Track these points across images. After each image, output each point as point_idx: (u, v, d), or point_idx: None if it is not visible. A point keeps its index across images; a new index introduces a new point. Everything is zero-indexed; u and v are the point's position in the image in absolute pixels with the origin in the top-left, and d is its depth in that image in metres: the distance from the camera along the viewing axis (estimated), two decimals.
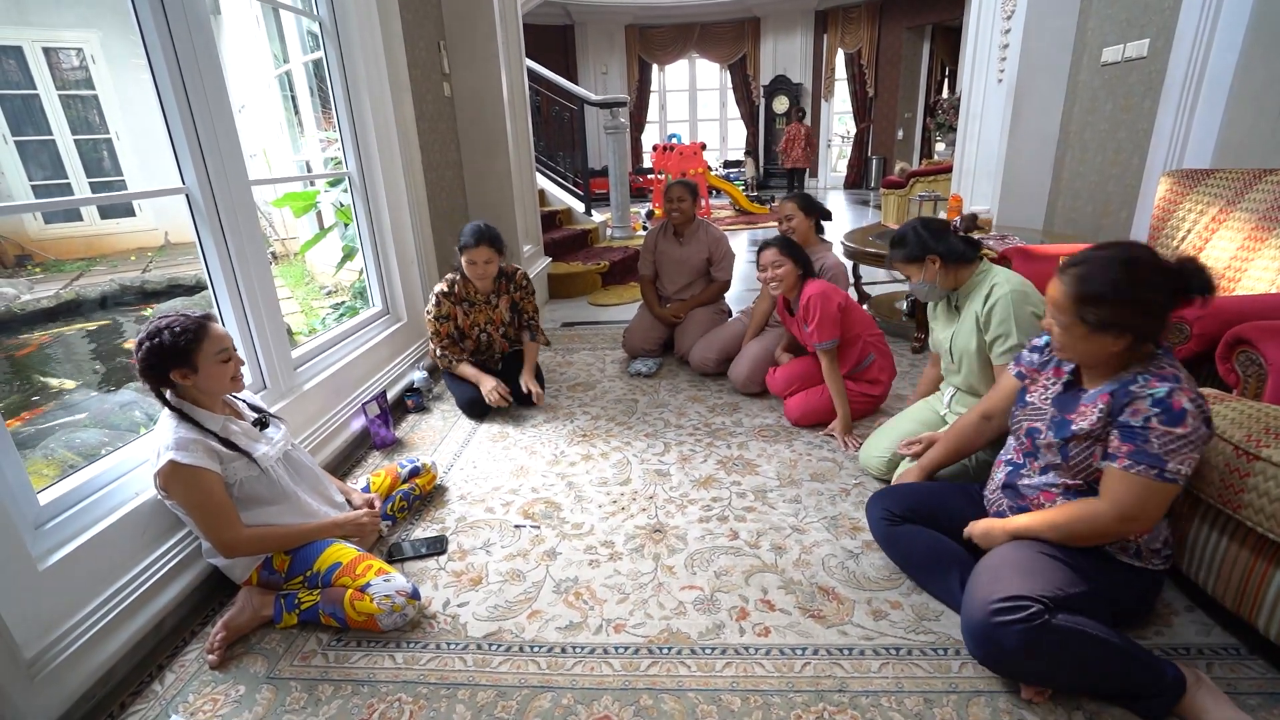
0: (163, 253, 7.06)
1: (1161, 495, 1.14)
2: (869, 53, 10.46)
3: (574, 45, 11.52)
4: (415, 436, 2.50)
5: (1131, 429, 1.14)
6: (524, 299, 2.73)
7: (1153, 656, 1.17)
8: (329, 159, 4.49)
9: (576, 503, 1.98)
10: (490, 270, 2.51)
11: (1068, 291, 1.18)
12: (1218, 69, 2.61)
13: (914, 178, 5.96)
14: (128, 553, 1.44)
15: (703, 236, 3.18)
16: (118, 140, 7.14)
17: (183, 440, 1.37)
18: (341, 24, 2.61)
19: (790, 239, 2.40)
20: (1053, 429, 1.29)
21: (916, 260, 1.84)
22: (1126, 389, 1.16)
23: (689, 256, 3.19)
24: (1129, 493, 1.14)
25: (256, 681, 1.34)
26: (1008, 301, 1.71)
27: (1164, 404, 1.11)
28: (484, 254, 2.44)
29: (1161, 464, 1.11)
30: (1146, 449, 1.12)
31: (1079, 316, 1.16)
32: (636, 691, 1.28)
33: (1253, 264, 2.11)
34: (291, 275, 5.90)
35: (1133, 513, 1.15)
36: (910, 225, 1.87)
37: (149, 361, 1.38)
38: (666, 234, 3.24)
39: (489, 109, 3.74)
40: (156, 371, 1.39)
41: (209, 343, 1.42)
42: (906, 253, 1.85)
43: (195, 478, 1.37)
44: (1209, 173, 2.42)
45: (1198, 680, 1.16)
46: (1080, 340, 1.19)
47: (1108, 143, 3.43)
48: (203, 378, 1.42)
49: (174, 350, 1.38)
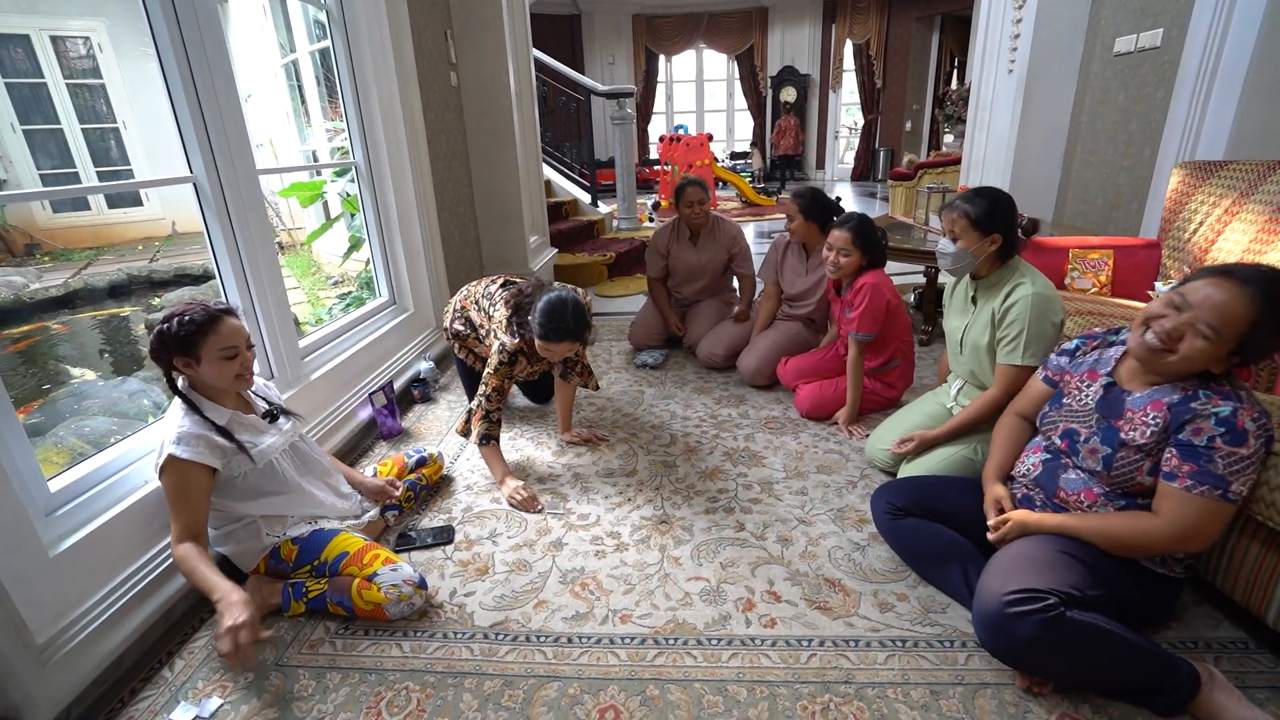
0: (170, 242, 7.08)
1: (1222, 516, 1.12)
2: (877, 44, 10.36)
3: (581, 35, 11.45)
4: (422, 427, 2.51)
5: (1194, 448, 1.11)
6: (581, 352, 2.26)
7: (1167, 653, 1.16)
8: (335, 149, 4.49)
9: (583, 494, 1.98)
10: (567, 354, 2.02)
11: (1248, 311, 1.06)
12: (1233, 60, 2.57)
13: (922, 169, 5.92)
14: (137, 540, 1.45)
15: (720, 238, 3.05)
16: (125, 129, 7.15)
17: (184, 434, 1.37)
18: (349, 12, 2.60)
19: (867, 224, 2.25)
20: (1099, 434, 1.25)
21: (981, 228, 1.68)
22: (1188, 405, 1.12)
23: (707, 261, 3.06)
24: (1190, 513, 1.11)
25: (265, 668, 1.35)
26: (1027, 305, 1.63)
27: (1229, 423, 1.08)
28: (566, 349, 1.94)
29: (1226, 485, 1.09)
30: (1211, 469, 1.09)
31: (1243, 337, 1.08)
32: (643, 682, 1.28)
33: (1266, 257, 2.09)
34: (298, 265, 5.91)
35: (1191, 534, 1.13)
36: (999, 193, 1.71)
37: (155, 346, 1.40)
38: (680, 237, 3.09)
39: (496, 99, 3.72)
40: (162, 357, 1.41)
41: (215, 338, 1.41)
42: (979, 213, 1.67)
43: (184, 473, 1.36)
44: (1223, 164, 2.39)
45: (1211, 677, 1.15)
46: (1213, 357, 1.11)
47: (1119, 134, 3.39)
48: (205, 371, 1.42)
49: (177, 339, 1.38)
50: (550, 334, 1.88)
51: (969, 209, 1.68)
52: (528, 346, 2.03)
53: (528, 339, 2.00)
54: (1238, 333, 1.08)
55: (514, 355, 2.03)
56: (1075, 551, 1.22)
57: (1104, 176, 3.52)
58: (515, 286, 2.13)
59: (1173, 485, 1.13)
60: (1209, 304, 1.09)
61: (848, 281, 2.30)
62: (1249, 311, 1.07)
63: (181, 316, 1.39)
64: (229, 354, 1.43)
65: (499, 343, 2.03)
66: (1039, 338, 1.62)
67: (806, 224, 2.62)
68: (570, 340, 1.91)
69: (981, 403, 1.75)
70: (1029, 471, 1.40)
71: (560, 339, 1.89)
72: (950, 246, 1.73)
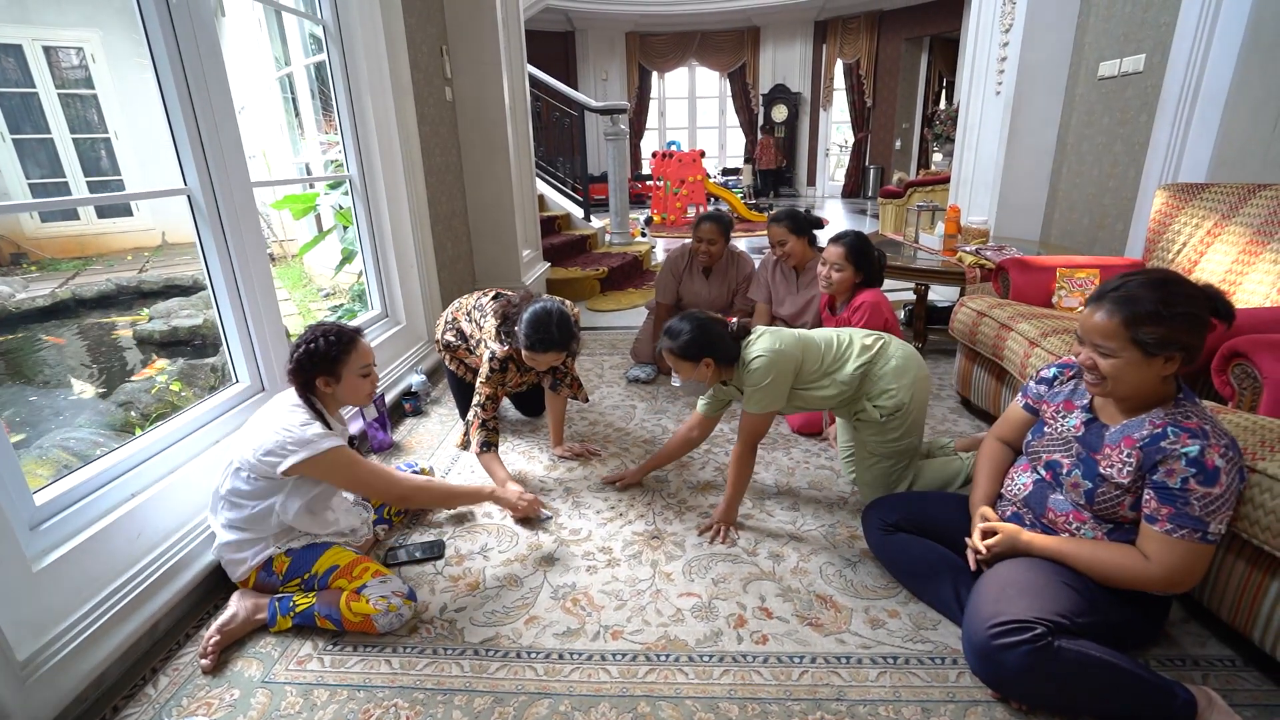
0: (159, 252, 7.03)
1: (1206, 557, 1.14)
2: (867, 63, 10.53)
3: (575, 52, 11.57)
4: (413, 440, 2.49)
5: (1170, 491, 1.12)
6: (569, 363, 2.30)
7: (1162, 680, 1.15)
8: (329, 161, 4.50)
9: (574, 508, 1.97)
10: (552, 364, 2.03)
11: (1115, 319, 1.13)
12: (1213, 84, 2.64)
13: (912, 187, 5.99)
14: (122, 555, 1.43)
15: (733, 274, 3.02)
16: (116, 139, 7.12)
17: (327, 433, 1.47)
18: (345, 27, 2.62)
19: (863, 242, 2.27)
20: (1080, 467, 1.27)
21: (694, 358, 1.72)
22: (1158, 445, 1.14)
23: (718, 297, 3.03)
24: (1175, 556, 1.13)
25: (252, 685, 1.33)
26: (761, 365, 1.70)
27: (1199, 463, 1.10)
28: (551, 359, 1.97)
29: (1204, 526, 1.11)
30: (1188, 512, 1.11)
31: (1135, 340, 1.12)
32: (634, 699, 1.28)
33: (1248, 277, 2.13)
34: (290, 277, 5.89)
35: (1180, 577, 1.14)
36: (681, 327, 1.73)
37: (302, 363, 1.48)
38: (693, 270, 3.04)
39: (490, 114, 3.75)
40: (306, 374, 1.49)
41: (356, 356, 1.52)
42: (682, 347, 1.71)
43: (346, 455, 1.47)
44: (1205, 186, 2.44)
45: (1210, 702, 1.14)
46: (1135, 368, 1.14)
47: (1104, 156, 3.46)
48: (343, 388, 1.53)
49: (325, 357, 1.48)
50: (535, 344, 1.90)
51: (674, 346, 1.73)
52: (516, 355, 2.07)
53: (515, 348, 2.03)
54: (1128, 339, 1.13)
55: (504, 363, 2.07)
56: (1066, 577, 1.22)
57: (1090, 197, 3.59)
58: (505, 298, 2.15)
59: (1154, 529, 1.15)
60: (1089, 329, 1.19)
61: (843, 300, 2.32)
62: (1116, 321, 1.13)
63: (328, 335, 1.49)
64: (365, 371, 1.55)
65: (489, 351, 2.07)
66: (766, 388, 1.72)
67: (800, 241, 2.64)
68: (555, 350, 1.93)
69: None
70: (1019, 491, 1.41)
71: (545, 349, 1.91)
72: (678, 382, 1.86)
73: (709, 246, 2.91)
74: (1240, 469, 1.13)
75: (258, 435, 1.45)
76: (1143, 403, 1.20)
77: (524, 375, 2.20)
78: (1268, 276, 2.07)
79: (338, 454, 1.45)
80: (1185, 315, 1.11)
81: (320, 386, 1.51)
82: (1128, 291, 1.14)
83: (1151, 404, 1.20)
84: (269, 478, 1.44)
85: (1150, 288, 1.13)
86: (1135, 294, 1.13)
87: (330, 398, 1.55)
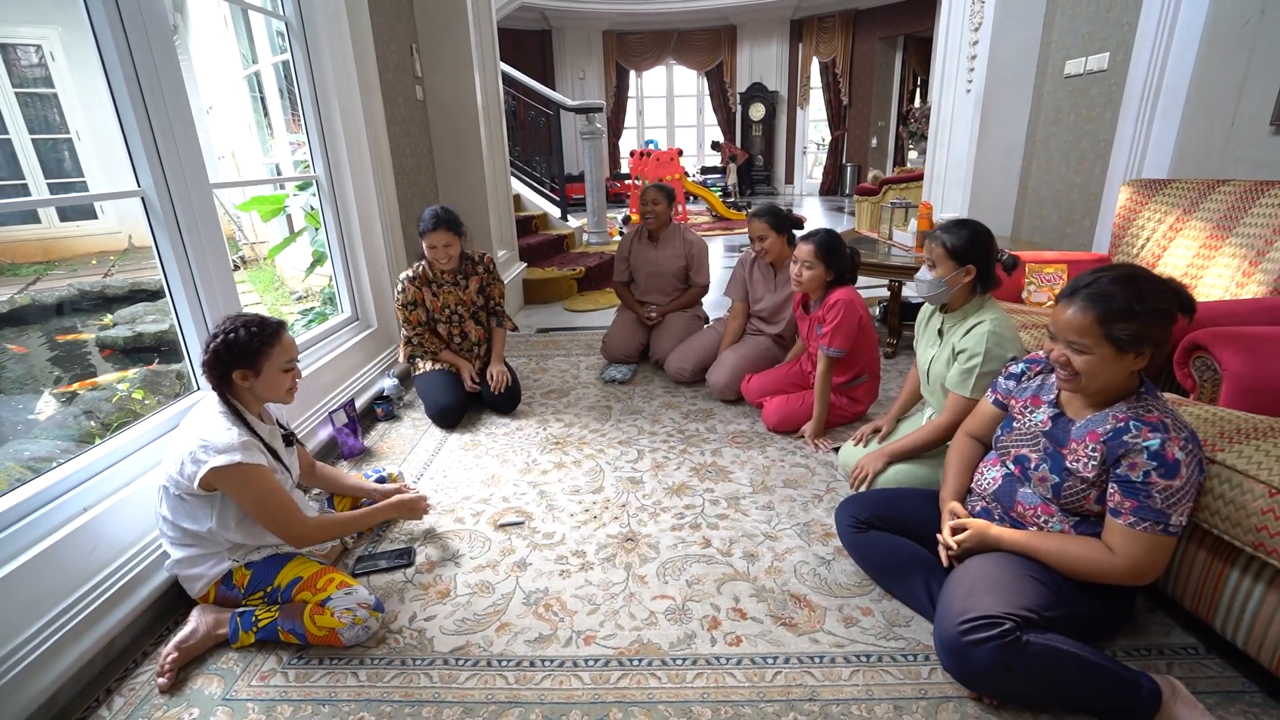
0: (126, 256, 6.85)
1: (1168, 548, 1.15)
2: (843, 62, 10.61)
3: (552, 50, 11.50)
4: (384, 445, 2.45)
5: (1133, 484, 1.14)
6: (491, 283, 2.72)
7: (1128, 670, 1.17)
8: (299, 162, 4.41)
9: (548, 512, 1.95)
10: (452, 253, 2.49)
11: (1089, 315, 1.14)
12: (1174, 81, 2.69)
13: (887, 184, 6.04)
14: (76, 570, 1.38)
15: (678, 241, 3.17)
16: (78, 140, 6.93)
17: (247, 442, 1.38)
18: (308, 23, 2.56)
19: (834, 240, 2.26)
20: (1047, 462, 1.27)
21: (957, 258, 1.68)
22: (1120, 439, 1.15)
23: (665, 261, 3.17)
24: (1139, 549, 1.14)
25: (212, 704, 1.29)
26: (982, 338, 1.64)
27: (1160, 456, 1.11)
28: (443, 238, 2.43)
29: (1166, 519, 1.12)
30: (1150, 505, 1.12)
31: (1108, 336, 1.13)
32: (606, 705, 1.26)
33: (1209, 271, 2.17)
34: (261, 280, 5.77)
35: (1145, 569, 1.15)
36: (979, 226, 1.71)
37: (220, 354, 1.39)
38: (641, 238, 3.24)
39: (463, 113, 3.70)
40: (221, 367, 1.40)
41: (279, 350, 1.44)
42: (956, 244, 1.67)
43: (260, 476, 1.38)
44: (1167, 182, 2.49)
45: (1174, 691, 1.16)
46: (1108, 363, 1.15)
47: (1071, 152, 3.52)
48: (262, 383, 1.44)
49: (246, 348, 1.39)
50: (427, 226, 2.40)
51: (947, 239, 1.69)
52: (422, 276, 2.54)
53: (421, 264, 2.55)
54: (1101, 335, 1.14)
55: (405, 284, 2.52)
56: (1034, 571, 1.23)
57: (1058, 193, 3.64)
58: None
59: (1118, 522, 1.16)
60: (1062, 325, 1.19)
61: (817, 298, 2.32)
62: (1090, 317, 1.14)
63: (249, 326, 1.41)
64: (288, 366, 1.47)
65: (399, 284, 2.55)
66: (990, 374, 1.62)
67: (780, 239, 2.65)
68: (445, 228, 2.41)
69: (930, 428, 1.79)
70: (988, 486, 1.41)
71: (436, 225, 2.40)
72: (927, 275, 1.74)
73: (653, 207, 3.08)
74: (1200, 461, 1.14)
75: (179, 447, 1.38)
76: (1108, 397, 1.22)
77: (442, 294, 2.58)
78: (1227, 270, 2.11)
79: (247, 471, 1.35)
80: (1155, 311, 1.13)
81: (237, 380, 1.42)
82: (1099, 288, 1.15)
83: (1116, 398, 1.21)
84: (193, 493, 1.37)
85: (1121, 284, 1.14)
86: (1107, 290, 1.14)
87: (248, 393, 1.46)
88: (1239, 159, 2.44)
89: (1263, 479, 1.16)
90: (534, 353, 3.51)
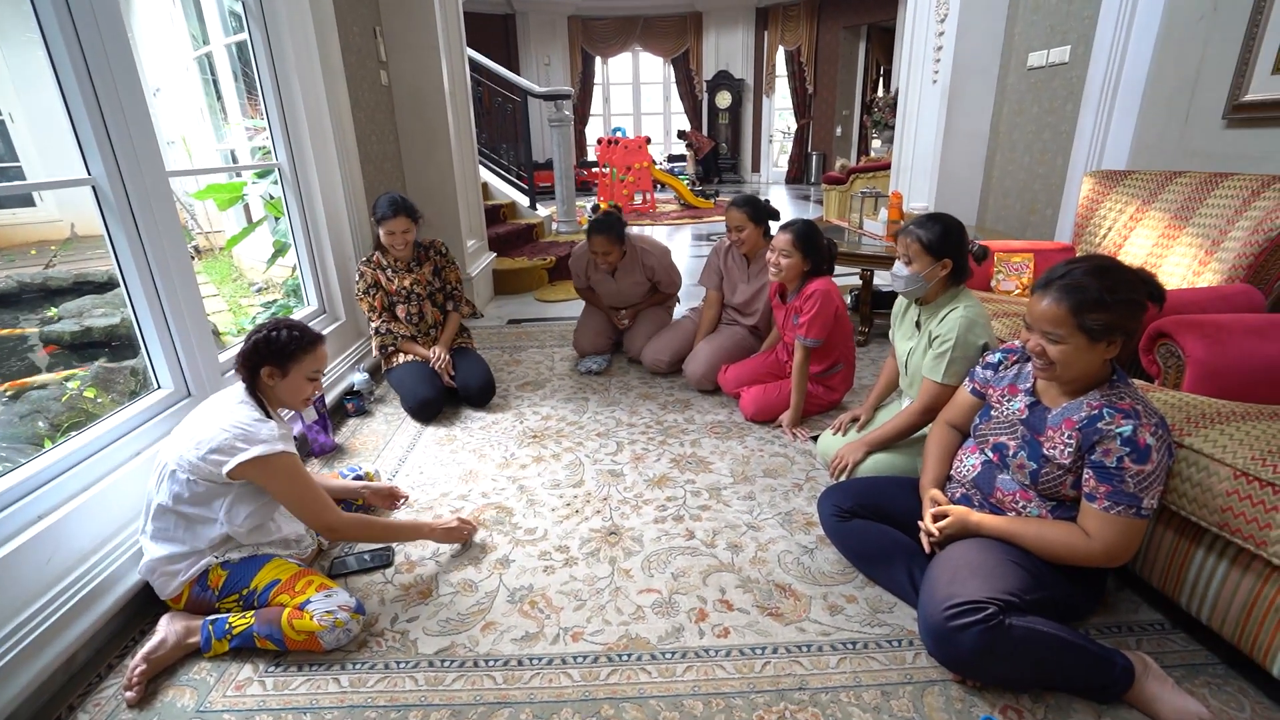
0: (68, 246, 6.50)
1: (1140, 531, 1.19)
2: (808, 50, 10.66)
3: (516, 35, 11.27)
4: (356, 442, 2.38)
5: (1107, 470, 1.17)
6: (446, 266, 2.74)
7: (1102, 648, 1.21)
8: (256, 148, 4.24)
9: (529, 507, 1.93)
10: (408, 239, 2.53)
11: (1063, 306, 1.17)
12: (1132, 74, 2.77)
13: (854, 174, 6.11)
14: (30, 583, 1.30)
15: (637, 269, 2.99)
16: (12, 123, 6.52)
17: (285, 434, 1.42)
18: (266, 4, 2.44)
19: (811, 230, 2.26)
20: (1025, 449, 1.30)
21: (933, 252, 1.70)
22: (1094, 426, 1.18)
23: (627, 288, 3.04)
24: (1114, 532, 1.18)
25: (184, 717, 1.24)
26: (954, 325, 1.68)
27: (1132, 442, 1.15)
28: (402, 224, 2.47)
29: (1138, 502, 1.16)
30: (1124, 489, 1.16)
31: (1081, 327, 1.16)
32: (597, 702, 1.25)
33: (1167, 259, 2.25)
34: (217, 271, 5.55)
35: (1119, 551, 1.19)
36: (951, 219, 1.73)
37: (257, 348, 1.43)
38: (597, 267, 3.00)
39: (429, 99, 3.60)
40: (255, 360, 1.44)
41: (311, 359, 1.49)
42: (931, 238, 1.69)
43: (299, 466, 1.42)
44: (1127, 173, 2.57)
45: (1145, 667, 1.21)
46: (1082, 353, 1.18)
47: (1034, 143, 3.60)
48: (286, 385, 1.47)
49: (281, 348, 1.43)
50: (386, 213, 2.44)
51: (922, 235, 1.70)
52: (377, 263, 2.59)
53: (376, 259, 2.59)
54: (1076, 326, 1.17)
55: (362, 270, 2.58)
56: (1014, 556, 1.27)
57: (1022, 183, 3.73)
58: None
59: (1094, 506, 1.20)
60: (1037, 316, 1.22)
61: (794, 288, 2.33)
62: (1064, 308, 1.17)
63: (291, 329, 1.46)
64: (314, 376, 1.51)
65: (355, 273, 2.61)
66: (963, 359, 1.66)
67: (757, 230, 2.64)
68: (402, 214, 2.45)
69: (907, 414, 1.82)
70: (968, 473, 1.44)
71: (395, 212, 2.44)
72: (904, 270, 1.75)
73: (605, 259, 2.89)
74: (1169, 445, 1.19)
75: (200, 432, 1.36)
76: (1082, 385, 1.25)
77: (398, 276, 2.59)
78: (1184, 258, 2.19)
79: (290, 460, 1.40)
80: (1127, 301, 1.16)
81: (264, 377, 1.45)
82: (1073, 280, 1.18)
83: (1089, 386, 1.25)
84: (212, 480, 1.34)
85: (1094, 275, 1.17)
86: (1081, 282, 1.17)
87: (270, 391, 1.48)
88: (1193, 151, 2.53)
89: (1228, 462, 1.21)
90: (507, 344, 3.46)
